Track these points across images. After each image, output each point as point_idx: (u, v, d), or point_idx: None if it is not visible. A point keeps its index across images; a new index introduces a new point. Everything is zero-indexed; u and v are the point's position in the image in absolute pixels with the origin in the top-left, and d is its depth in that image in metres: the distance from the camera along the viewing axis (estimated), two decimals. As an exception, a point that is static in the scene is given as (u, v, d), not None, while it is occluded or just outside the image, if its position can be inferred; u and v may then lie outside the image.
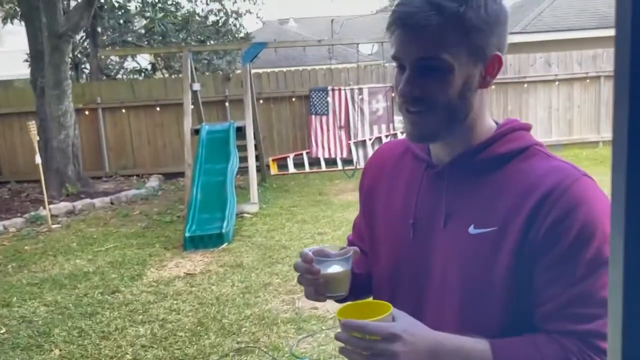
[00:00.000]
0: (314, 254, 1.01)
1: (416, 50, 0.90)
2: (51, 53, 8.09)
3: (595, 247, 0.86)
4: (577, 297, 0.87)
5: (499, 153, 0.96)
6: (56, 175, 8.33)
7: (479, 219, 0.93)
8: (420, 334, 0.86)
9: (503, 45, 0.95)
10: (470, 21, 0.88)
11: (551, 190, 0.88)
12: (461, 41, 0.89)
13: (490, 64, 0.93)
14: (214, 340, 3.61)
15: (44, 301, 4.45)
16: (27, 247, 6.05)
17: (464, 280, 0.94)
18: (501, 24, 0.93)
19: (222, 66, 13.63)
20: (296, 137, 10.32)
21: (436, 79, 0.90)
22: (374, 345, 0.82)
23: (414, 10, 0.88)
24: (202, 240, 5.68)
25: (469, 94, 0.93)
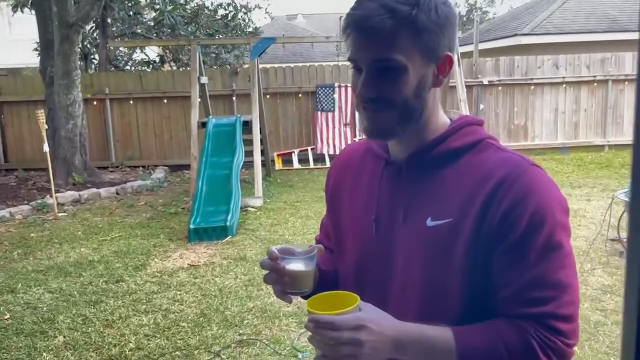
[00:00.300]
0: (280, 252, 1.03)
1: (371, 52, 0.94)
2: (61, 42, 8.14)
3: (546, 233, 0.91)
4: (531, 282, 0.91)
5: (453, 147, 1.00)
6: (63, 164, 8.40)
7: (435, 212, 0.97)
8: (386, 324, 0.90)
9: (453, 45, 0.99)
10: (422, 23, 0.92)
11: (502, 180, 0.92)
12: (414, 42, 0.93)
13: (442, 64, 0.97)
14: (216, 331, 3.66)
15: (49, 288, 4.50)
16: (33, 234, 6.11)
17: (425, 271, 0.97)
18: (451, 26, 0.96)
19: (230, 60, 13.65)
20: (301, 133, 10.35)
21: (391, 79, 0.94)
22: (341, 335, 0.85)
23: (368, 13, 0.91)
24: (206, 233, 5.73)
25: (424, 92, 0.97)
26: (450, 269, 0.95)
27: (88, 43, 12.88)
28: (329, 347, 0.87)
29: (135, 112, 10.10)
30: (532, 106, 10.48)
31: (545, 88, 10.44)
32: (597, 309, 3.82)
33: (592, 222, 5.85)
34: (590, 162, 9.54)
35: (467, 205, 0.94)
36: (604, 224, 5.17)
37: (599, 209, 6.28)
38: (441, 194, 0.98)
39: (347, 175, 1.17)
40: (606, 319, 3.66)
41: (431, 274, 0.97)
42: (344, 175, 1.17)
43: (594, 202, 6.69)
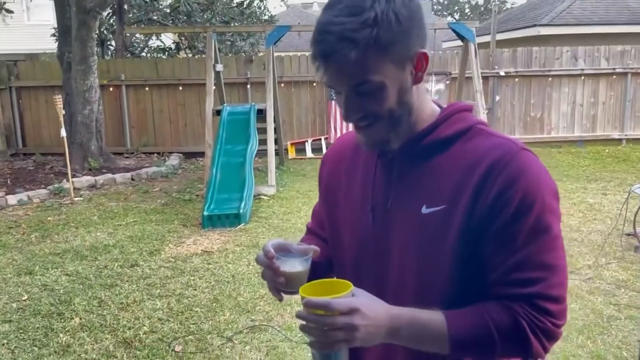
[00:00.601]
0: (276, 249, 1.04)
1: (345, 80, 0.95)
2: (78, 28, 8.19)
3: (535, 216, 0.92)
4: (520, 263, 0.93)
5: (444, 135, 1.01)
6: (79, 149, 8.50)
7: (430, 199, 0.99)
8: (379, 309, 0.91)
9: (424, 40, 0.98)
10: (386, 40, 0.91)
11: (493, 164, 0.94)
12: (384, 59, 0.93)
13: (418, 62, 0.97)
14: (228, 316, 3.70)
15: (66, 271, 4.58)
16: (50, 218, 6.20)
17: (421, 258, 0.99)
18: (417, 22, 0.95)
19: (245, 48, 13.66)
20: (315, 122, 10.34)
21: (372, 98, 0.95)
22: (334, 320, 0.86)
23: (329, 49, 0.91)
24: (219, 220, 5.77)
25: (406, 97, 0.98)
26: (445, 255, 0.96)
27: (105, 29, 12.96)
28: (322, 332, 0.87)
29: (150, 98, 10.16)
30: (549, 98, 10.36)
31: (563, 80, 10.31)
32: (610, 303, 3.80)
33: (608, 217, 5.80)
34: (607, 156, 9.42)
35: (459, 191, 0.96)
36: (619, 219, 5.12)
37: (615, 204, 6.22)
38: (435, 182, 0.99)
39: (341, 166, 1.18)
40: (619, 314, 3.64)
41: (427, 260, 0.98)
42: (338, 167, 1.18)
43: (610, 197, 6.62)
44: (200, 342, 3.39)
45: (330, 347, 0.89)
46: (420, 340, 0.94)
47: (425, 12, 0.99)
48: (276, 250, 1.05)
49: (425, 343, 0.95)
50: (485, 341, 0.93)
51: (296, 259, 1.06)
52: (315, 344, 0.90)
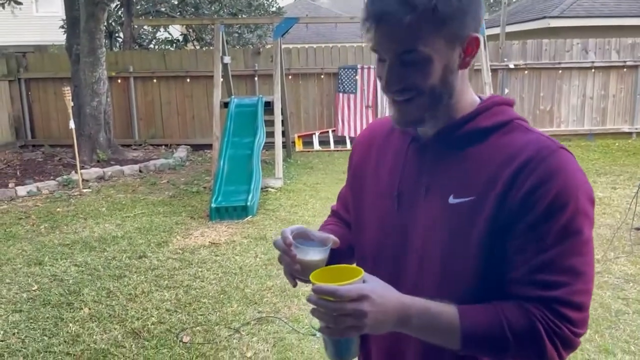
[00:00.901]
0: (295, 236, 1.03)
1: (393, 45, 0.92)
2: (87, 20, 8.21)
3: (567, 217, 0.88)
4: (545, 264, 0.89)
5: (482, 126, 0.98)
6: (88, 141, 8.54)
7: (458, 189, 0.96)
8: (389, 296, 0.89)
9: (479, 25, 0.97)
10: (444, 12, 0.89)
11: (529, 160, 0.91)
12: (437, 32, 0.91)
13: (469, 45, 0.95)
14: (236, 308, 3.72)
15: (75, 262, 4.62)
16: (59, 209, 6.25)
17: (444, 248, 0.96)
18: (475, 5, 0.94)
19: (252, 40, 13.64)
20: (323, 115, 10.32)
21: (417, 69, 0.93)
22: (343, 306, 0.85)
23: (386, 9, 0.89)
24: (227, 212, 5.79)
25: (451, 77, 0.96)
26: (468, 247, 0.94)
27: (113, 21, 12.98)
28: (332, 318, 0.87)
29: (158, 90, 10.18)
30: (559, 91, 10.27)
31: (574, 73, 10.22)
32: (619, 297, 3.78)
33: (617, 211, 5.76)
34: (617, 150, 9.35)
35: (490, 184, 0.93)
36: (629, 213, 5.08)
37: (624, 198, 6.18)
38: (465, 172, 0.97)
39: (372, 151, 1.16)
40: (628, 308, 3.63)
41: (450, 251, 0.96)
42: (369, 152, 1.17)
43: (619, 190, 6.57)
44: (207, 333, 3.41)
45: (340, 333, 0.89)
46: (430, 331, 0.92)
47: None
48: (295, 236, 1.04)
49: (435, 335, 0.92)
50: (498, 340, 0.90)
51: (315, 248, 1.04)
52: (325, 329, 0.90)
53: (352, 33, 18.06)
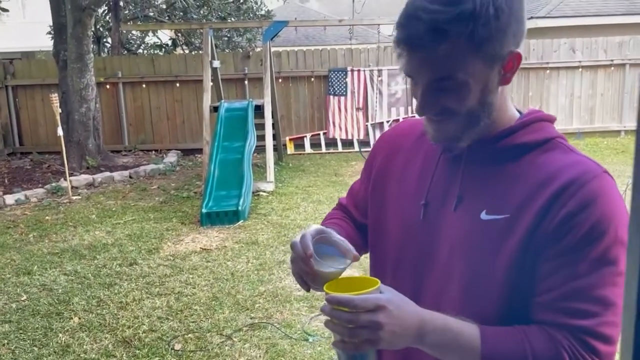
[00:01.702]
0: (316, 241, 0.95)
1: (427, 72, 0.88)
2: (74, 26, 8.15)
3: (604, 246, 0.84)
4: (576, 292, 0.85)
5: (520, 142, 0.94)
6: (77, 147, 8.48)
7: (492, 205, 0.92)
8: (407, 309, 0.84)
9: (521, 39, 0.91)
10: (481, 37, 0.84)
11: (570, 183, 0.86)
12: (474, 57, 0.86)
13: (509, 62, 0.90)
14: (228, 314, 3.70)
15: (64, 270, 4.57)
16: (48, 217, 6.19)
17: (470, 264, 0.92)
18: (515, 21, 0.88)
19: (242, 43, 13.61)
20: (314, 117, 10.31)
21: (453, 94, 0.89)
22: (358, 317, 0.81)
23: (417, 37, 0.85)
24: (218, 217, 5.76)
25: (490, 97, 0.91)
26: (496, 265, 0.89)
27: (101, 26, 12.91)
28: (346, 330, 0.82)
29: (147, 95, 10.13)
30: (547, 90, 10.34)
31: (561, 72, 10.28)
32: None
33: None
34: (606, 148, 9.41)
35: (526, 203, 0.88)
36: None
37: (613, 196, 6.21)
38: (500, 189, 0.92)
39: (399, 153, 1.10)
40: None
41: (476, 268, 0.91)
42: (396, 153, 1.11)
43: (608, 189, 6.60)
44: (199, 340, 3.39)
45: (354, 347, 0.83)
46: (448, 350, 0.87)
47: (524, 8, 0.91)
48: (316, 241, 0.95)
49: (453, 354, 0.87)
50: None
51: (334, 262, 0.97)
52: (338, 344, 0.85)
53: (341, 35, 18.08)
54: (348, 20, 10.54)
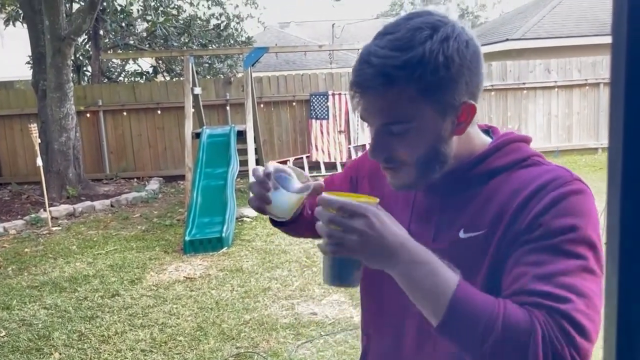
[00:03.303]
0: (276, 170, 1.01)
1: (377, 116, 0.90)
2: (53, 56, 8.12)
3: (573, 242, 0.82)
4: (546, 277, 0.80)
5: (495, 166, 0.94)
6: (57, 177, 8.36)
7: (468, 224, 0.93)
8: (391, 229, 0.82)
9: (476, 89, 0.91)
10: (430, 82, 0.85)
11: (540, 188, 0.87)
12: (422, 103, 0.87)
13: (463, 113, 0.90)
14: (213, 345, 3.64)
15: (44, 304, 4.47)
16: (28, 249, 6.07)
17: None
18: (468, 70, 0.88)
19: (223, 70, 13.66)
20: (296, 141, 10.35)
21: (402, 140, 0.90)
22: (340, 220, 0.80)
23: (366, 81, 0.87)
24: (202, 244, 5.71)
25: (441, 145, 0.92)
26: (477, 281, 0.88)
27: (80, 55, 12.87)
28: (327, 232, 0.82)
29: (129, 123, 10.08)
30: (525, 110, 10.53)
31: (538, 92, 10.50)
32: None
33: None
34: (584, 165, 9.58)
35: (500, 215, 0.89)
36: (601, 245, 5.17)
37: (593, 213, 6.29)
38: (477, 208, 0.93)
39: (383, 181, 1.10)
40: (604, 324, 3.66)
41: None
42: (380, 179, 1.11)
43: (588, 206, 6.69)
44: (184, 372, 3.32)
45: (333, 251, 0.82)
46: (419, 285, 0.81)
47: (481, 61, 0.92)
48: (277, 171, 1.01)
49: (422, 291, 0.82)
50: (484, 324, 0.77)
51: (293, 185, 1.01)
52: (321, 246, 0.84)
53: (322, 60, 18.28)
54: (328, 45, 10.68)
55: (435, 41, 0.85)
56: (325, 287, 4.51)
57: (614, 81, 0.42)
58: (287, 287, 4.60)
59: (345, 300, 4.26)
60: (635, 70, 0.41)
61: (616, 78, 0.42)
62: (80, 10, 8.81)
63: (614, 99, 0.43)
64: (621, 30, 0.41)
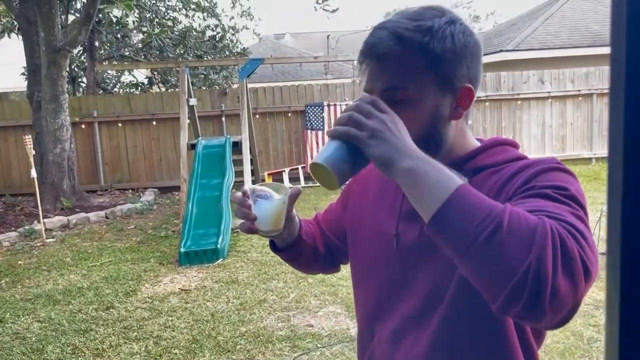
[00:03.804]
0: (253, 190, 1.04)
1: (382, 81, 0.92)
2: (48, 67, 8.12)
3: (568, 197, 0.81)
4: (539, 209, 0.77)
5: (483, 164, 0.96)
6: (51, 189, 8.33)
7: None
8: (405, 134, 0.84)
9: (475, 77, 0.95)
10: (435, 52, 0.89)
11: (529, 164, 0.90)
12: (426, 71, 0.90)
13: (462, 96, 0.93)
14: (208, 357, 3.61)
15: (38, 317, 4.43)
16: (21, 261, 6.02)
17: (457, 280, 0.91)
18: (470, 55, 0.93)
19: (218, 81, 13.70)
20: (292, 152, 10.36)
21: (404, 110, 0.90)
22: (370, 109, 0.84)
23: (377, 41, 0.91)
24: (197, 256, 5.68)
25: (440, 124, 0.93)
26: None
27: (76, 66, 12.88)
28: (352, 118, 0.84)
29: (124, 134, 10.07)
30: (519, 121, 10.59)
31: (532, 103, 10.57)
32: (590, 324, 3.82)
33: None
34: (579, 175, 9.58)
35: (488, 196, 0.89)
36: (593, 238, 5.18)
37: (588, 223, 6.30)
38: None
39: (376, 181, 1.14)
40: (599, 335, 3.66)
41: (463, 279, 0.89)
42: (369, 183, 1.16)
43: (583, 216, 6.70)
44: (179, 386, 3.29)
45: (343, 130, 0.83)
46: (425, 176, 0.78)
47: (481, 55, 0.96)
48: (253, 192, 1.04)
49: (428, 182, 0.78)
50: (489, 210, 0.72)
51: (270, 199, 1.05)
52: (332, 131, 0.86)
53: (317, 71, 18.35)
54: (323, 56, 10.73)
55: (444, 20, 0.91)
56: (322, 299, 4.50)
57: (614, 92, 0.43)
58: (283, 298, 4.57)
59: (342, 312, 4.24)
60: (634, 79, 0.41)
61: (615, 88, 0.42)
62: (75, 21, 8.83)
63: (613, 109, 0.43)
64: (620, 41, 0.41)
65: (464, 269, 0.75)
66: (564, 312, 0.71)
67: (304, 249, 1.21)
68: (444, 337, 0.95)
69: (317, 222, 1.31)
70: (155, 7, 13.40)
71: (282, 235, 1.13)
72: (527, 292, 0.68)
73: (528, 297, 0.68)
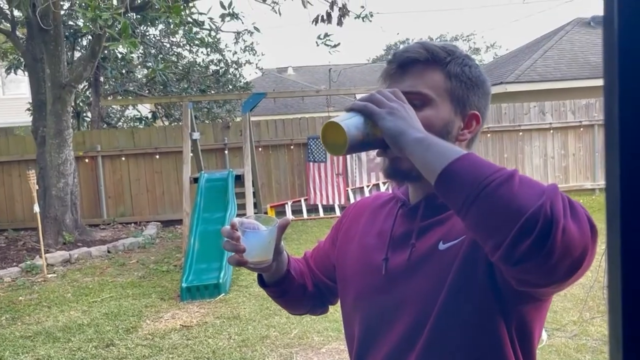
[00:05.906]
0: (241, 223, 1.04)
1: (404, 84, 0.99)
2: (54, 103, 8.22)
3: None
4: None
5: None
6: (54, 223, 8.32)
7: (446, 235, 0.97)
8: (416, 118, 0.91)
9: (483, 109, 1.03)
10: (454, 71, 0.99)
11: None
12: (444, 84, 0.99)
13: (469, 120, 1.01)
14: (209, 397, 3.53)
15: (37, 355, 4.36)
16: (22, 297, 5.97)
17: (446, 291, 0.93)
18: (481, 90, 1.02)
19: (221, 114, 13.83)
20: (294, 184, 10.37)
21: (418, 114, 0.93)
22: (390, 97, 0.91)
23: (408, 48, 1.01)
24: (199, 291, 5.62)
25: (446, 139, 0.95)
26: (477, 275, 0.91)
27: (81, 101, 13.04)
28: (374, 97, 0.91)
29: (127, 168, 10.11)
30: (521, 152, 10.62)
31: (534, 134, 10.61)
32: (599, 360, 3.74)
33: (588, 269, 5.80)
34: (582, 206, 9.57)
35: None
36: (599, 270, 5.12)
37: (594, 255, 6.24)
38: (452, 220, 0.97)
39: (363, 216, 1.18)
40: (610, 371, 3.58)
41: (454, 292, 0.93)
42: (360, 217, 1.19)
43: (588, 247, 6.65)
44: None
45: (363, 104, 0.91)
46: (433, 146, 0.83)
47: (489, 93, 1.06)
48: (243, 224, 1.05)
49: (437, 146, 0.83)
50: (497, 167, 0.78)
51: (258, 230, 1.05)
52: (352, 104, 0.93)
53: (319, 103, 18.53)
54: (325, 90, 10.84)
55: (464, 53, 1.03)
56: (325, 335, 4.42)
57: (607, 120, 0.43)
58: (285, 335, 4.50)
59: (345, 349, 4.16)
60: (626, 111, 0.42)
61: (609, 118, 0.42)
62: (81, 58, 8.97)
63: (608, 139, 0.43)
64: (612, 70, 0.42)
65: (472, 216, 0.77)
66: (573, 256, 0.73)
67: (292, 285, 1.21)
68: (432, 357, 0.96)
69: (306, 260, 1.33)
70: (160, 44, 13.64)
71: (271, 268, 1.13)
72: (538, 228, 0.70)
73: (539, 233, 0.70)
